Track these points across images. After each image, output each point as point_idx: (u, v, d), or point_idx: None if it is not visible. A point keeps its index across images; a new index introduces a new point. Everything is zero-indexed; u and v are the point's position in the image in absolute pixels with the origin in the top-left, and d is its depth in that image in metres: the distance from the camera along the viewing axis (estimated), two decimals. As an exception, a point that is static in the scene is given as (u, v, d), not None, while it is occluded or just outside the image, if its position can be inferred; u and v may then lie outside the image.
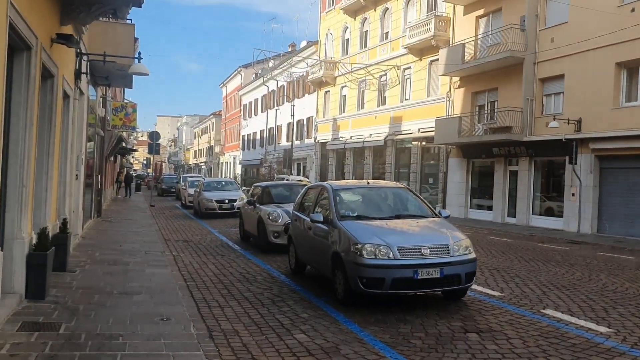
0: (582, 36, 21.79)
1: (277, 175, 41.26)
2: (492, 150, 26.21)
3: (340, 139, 40.50)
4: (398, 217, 8.37)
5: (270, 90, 57.44)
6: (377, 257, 7.19)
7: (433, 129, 29.37)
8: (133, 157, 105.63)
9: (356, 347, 5.93)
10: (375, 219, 8.23)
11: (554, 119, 21.99)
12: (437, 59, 30.42)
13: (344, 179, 40.07)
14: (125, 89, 35.51)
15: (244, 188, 27.74)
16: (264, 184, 15.47)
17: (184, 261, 11.95)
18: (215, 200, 23.59)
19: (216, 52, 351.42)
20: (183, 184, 33.82)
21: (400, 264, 7.14)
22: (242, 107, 69.35)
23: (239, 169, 69.61)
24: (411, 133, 32.43)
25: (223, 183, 26.90)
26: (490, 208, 26.98)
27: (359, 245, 7.31)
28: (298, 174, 45.98)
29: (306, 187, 10.47)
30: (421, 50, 31.59)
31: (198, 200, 24.53)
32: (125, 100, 24.23)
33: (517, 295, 8.50)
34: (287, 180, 36.06)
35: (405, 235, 7.76)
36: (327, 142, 42.53)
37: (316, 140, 44.79)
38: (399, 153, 34.67)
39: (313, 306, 7.78)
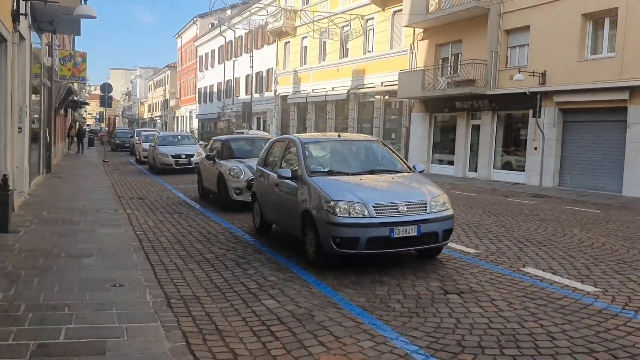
0: (549, -15, 21.33)
1: (236, 130, 40.13)
2: (455, 104, 25.88)
3: (302, 92, 39.56)
4: (372, 172, 7.79)
5: (227, 41, 55.54)
6: (351, 216, 6.64)
7: (396, 82, 28.82)
8: (86, 111, 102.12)
9: (331, 312, 5.43)
10: (347, 174, 7.64)
11: (519, 72, 21.68)
12: (401, 9, 29.60)
13: (305, 132, 39.35)
14: (76, 39, 33.57)
15: (201, 142, 26.72)
16: (223, 137, 14.64)
17: (138, 220, 11.21)
18: (171, 155, 22.59)
19: (171, 1, 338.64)
20: (137, 138, 32.50)
21: (375, 222, 6.61)
22: (198, 59, 67.13)
23: (195, 123, 67.87)
24: (374, 87, 31.80)
25: (179, 137, 25.80)
26: (451, 163, 26.83)
27: (332, 203, 6.74)
28: (258, 129, 44.99)
29: (271, 140, 9.76)
30: (384, 0, 30.67)
31: (153, 156, 23.49)
32: (74, 50, 22.70)
33: (494, 253, 8.14)
34: (247, 135, 35.18)
35: (381, 191, 7.21)
36: (288, 95, 41.51)
37: (276, 94, 43.69)
38: (362, 107, 34.06)
39: (282, 268, 7.23)
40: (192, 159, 22.72)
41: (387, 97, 31.34)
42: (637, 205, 15.62)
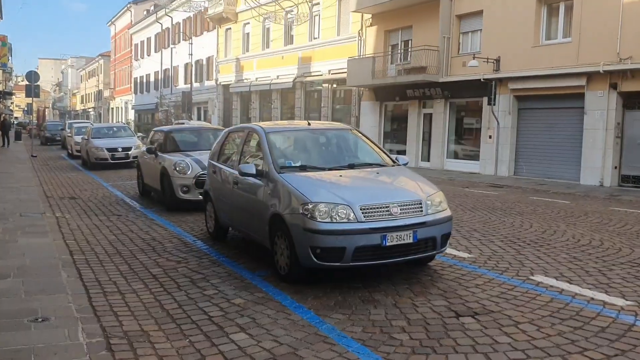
0: (502, -33, 20.70)
1: (176, 121, 38.13)
2: (407, 93, 25.06)
3: (245, 80, 37.93)
4: (352, 166, 6.58)
5: (164, 28, 53.01)
6: (335, 221, 5.45)
7: (344, 70, 27.79)
8: (12, 102, 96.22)
9: (322, 350, 4.23)
10: (324, 169, 6.42)
11: (474, 58, 21.03)
12: (348, -6, 28.60)
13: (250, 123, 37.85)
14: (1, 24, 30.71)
15: (139, 134, 24.80)
16: (165, 128, 13.05)
17: (70, 225, 9.63)
18: (106, 149, 20.68)
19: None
20: (69, 131, 30.10)
21: (365, 228, 5.44)
22: (133, 47, 63.99)
23: (131, 115, 64.83)
24: (321, 74, 30.64)
25: (115, 129, 23.78)
26: (403, 152, 25.99)
27: (310, 205, 5.52)
28: (199, 119, 43.04)
29: (226, 130, 8.37)
30: (330, -16, 29.53)
31: (86, 149, 21.50)
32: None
33: (491, 257, 7.13)
34: (189, 125, 33.29)
35: (368, 190, 6.02)
36: (230, 84, 39.77)
37: (218, 83, 41.84)
38: (309, 96, 32.85)
39: (248, 286, 5.96)
40: (129, 152, 20.90)
41: (335, 86, 30.27)
42: (598, 194, 15.18)
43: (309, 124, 7.36)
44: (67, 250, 7.52)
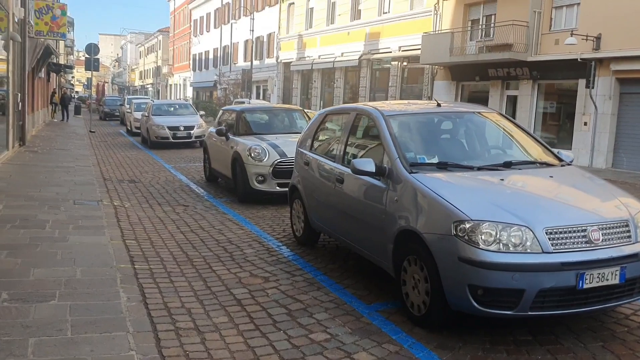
0: None
1: (235, 100, 36.94)
2: (488, 72, 22.86)
3: (307, 58, 36.27)
4: (508, 165, 4.78)
5: (224, 3, 51.81)
6: (507, 249, 3.75)
7: (417, 47, 25.76)
8: (73, 77, 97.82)
9: None
10: (471, 169, 4.67)
11: (572, 35, 18.68)
12: (424, -35, 26.45)
13: (309, 104, 36.26)
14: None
15: (201, 113, 23.50)
16: (237, 107, 11.51)
17: (130, 217, 8.27)
18: (167, 127, 19.43)
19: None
20: (128, 107, 29.21)
21: (552, 263, 3.71)
22: (192, 23, 63.22)
23: (189, 92, 64.33)
24: (390, 52, 28.63)
25: (177, 106, 22.50)
26: (481, 138, 23.92)
27: (469, 225, 3.84)
28: (257, 98, 41.77)
29: (322, 112, 6.67)
30: (404, -46, 27.36)
31: (147, 127, 20.35)
32: (52, 1, 19.44)
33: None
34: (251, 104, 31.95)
35: (550, 202, 4.23)
36: (291, 62, 38.20)
37: (278, 60, 40.34)
38: (376, 75, 30.91)
39: (367, 328, 4.30)
40: (191, 131, 19.60)
41: (405, 64, 28.22)
42: None
43: (438, 104, 5.59)
44: (127, 256, 6.09)
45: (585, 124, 19.40)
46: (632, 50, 17.44)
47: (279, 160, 9.08)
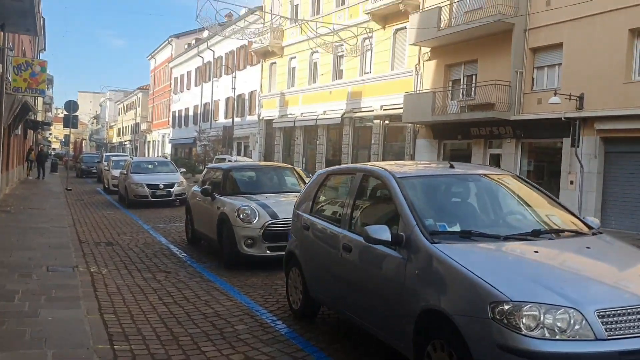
0: (586, -3, 18.60)
1: (217, 156, 36.54)
2: (470, 131, 22.89)
3: (289, 115, 36.29)
4: (537, 233, 4.29)
5: (205, 61, 52.17)
6: (553, 335, 3.25)
7: (398, 105, 25.92)
8: (51, 134, 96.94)
9: None
10: (497, 238, 4.18)
11: (555, 94, 18.79)
12: (404, 27, 26.84)
13: (292, 161, 36.03)
14: (40, 53, 29.89)
15: (182, 170, 22.98)
16: (224, 165, 11.02)
17: (108, 286, 7.62)
18: (146, 185, 18.84)
19: (143, 27, 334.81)
20: (106, 164, 28.60)
21: (609, 352, 3.22)
22: (172, 81, 63.45)
23: (168, 148, 63.87)
24: (372, 110, 28.74)
25: (156, 164, 21.97)
26: (465, 196, 23.72)
27: (508, 306, 3.29)
28: (239, 155, 41.47)
29: (323, 172, 6.18)
30: (385, 17, 27.86)
31: (125, 185, 19.74)
32: (32, 58, 19.08)
33: None
34: (230, 161, 31.55)
35: (597, 279, 3.73)
36: (273, 119, 38.17)
37: (260, 117, 40.31)
38: (358, 132, 30.92)
39: None
40: (171, 189, 19.04)
41: (387, 122, 28.27)
42: None
43: (450, 165, 5.22)
44: (106, 334, 5.45)
45: (572, 182, 19.31)
46: (615, 109, 17.58)
47: (270, 222, 8.57)
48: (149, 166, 21.38)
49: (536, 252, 3.97)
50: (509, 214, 4.83)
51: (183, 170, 24.61)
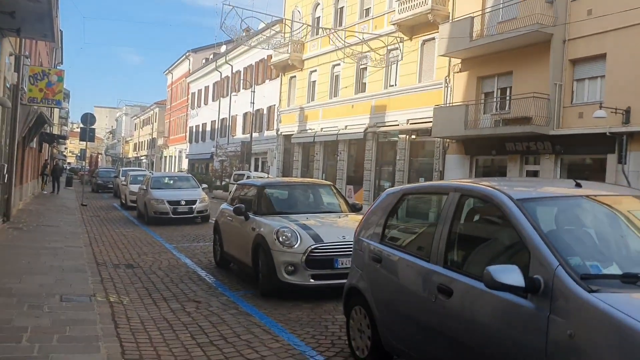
0: (631, 4, 17.49)
1: (236, 172, 35.60)
2: (505, 146, 21.70)
3: (309, 130, 35.33)
4: None
5: (223, 76, 51.53)
6: None
7: (426, 119, 24.87)
8: (66, 148, 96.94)
9: None
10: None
11: (600, 108, 17.65)
12: (433, 38, 25.88)
13: (311, 177, 35.02)
14: (57, 66, 29.27)
15: (203, 186, 21.99)
16: (258, 182, 9.88)
17: (130, 321, 6.56)
18: (167, 202, 17.84)
19: (160, 43, 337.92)
20: (123, 178, 27.72)
21: None
22: (190, 96, 62.95)
23: (185, 164, 63.20)
24: (398, 124, 27.66)
25: (177, 179, 20.96)
26: (499, 215, 22.47)
27: None
28: (255, 170, 40.52)
29: (393, 192, 5.02)
30: (412, 28, 26.85)
31: (144, 201, 18.76)
32: (49, 68, 18.32)
33: None
34: (249, 177, 30.54)
35: None
36: (291, 134, 37.24)
37: (279, 133, 39.41)
38: (382, 147, 29.83)
39: None
40: (193, 206, 18.01)
41: (413, 137, 27.16)
42: None
43: (577, 184, 4.01)
44: (132, 390, 4.38)
45: (617, 201, 18.06)
46: (666, 124, 16.41)
47: (313, 247, 7.48)
48: (170, 181, 20.39)
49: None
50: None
51: (205, 186, 23.58)
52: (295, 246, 7.56)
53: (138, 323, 6.50)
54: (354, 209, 9.28)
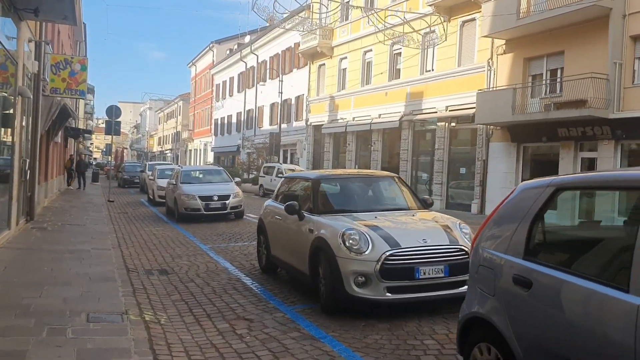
0: None
1: (266, 164, 34.36)
2: (557, 132, 20.05)
3: (340, 120, 33.94)
4: None
5: (248, 67, 50.31)
6: None
7: (466, 105, 23.38)
8: (92, 143, 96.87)
9: None
10: None
11: (671, 87, 15.99)
12: (473, 19, 24.29)
13: (344, 167, 33.62)
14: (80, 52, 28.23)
15: (236, 179, 20.74)
16: (312, 174, 8.43)
17: (171, 349, 5.30)
18: (199, 197, 16.64)
19: (183, 35, 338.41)
20: (150, 173, 26.65)
21: None
22: (214, 88, 61.93)
23: (210, 157, 62.30)
24: (436, 112, 26.12)
25: (207, 172, 19.70)
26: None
27: None
28: (284, 162, 39.29)
29: (533, 186, 3.62)
30: (451, 8, 25.22)
31: (174, 197, 17.59)
32: (71, 56, 17.24)
33: None
34: (280, 170, 29.30)
35: None
36: (321, 124, 35.89)
37: (308, 123, 38.08)
38: (418, 136, 28.33)
39: None
40: (226, 202, 16.77)
41: (453, 124, 25.62)
42: None
43: None
44: None
45: (690, 190, 16.37)
46: None
47: (389, 253, 6.12)
48: (200, 175, 19.19)
49: None
50: None
51: (238, 179, 22.33)
52: (366, 252, 6.21)
53: (181, 351, 5.26)
54: (425, 204, 7.91)
